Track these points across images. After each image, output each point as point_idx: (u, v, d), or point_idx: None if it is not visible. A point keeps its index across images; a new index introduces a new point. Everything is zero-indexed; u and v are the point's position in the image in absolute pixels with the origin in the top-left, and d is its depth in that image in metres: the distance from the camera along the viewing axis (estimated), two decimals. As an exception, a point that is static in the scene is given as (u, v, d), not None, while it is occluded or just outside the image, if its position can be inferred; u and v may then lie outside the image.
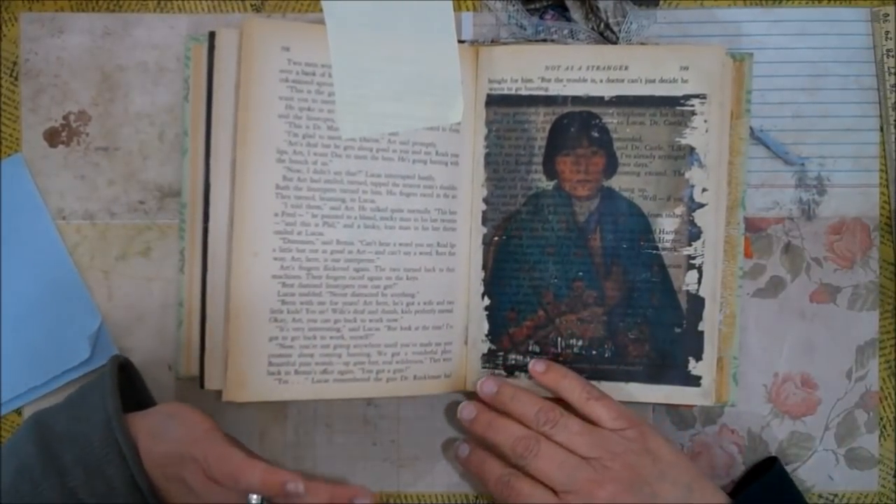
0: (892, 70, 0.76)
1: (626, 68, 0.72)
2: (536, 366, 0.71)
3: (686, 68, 0.71)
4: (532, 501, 0.67)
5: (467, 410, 0.71)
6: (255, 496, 0.60)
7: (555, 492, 0.66)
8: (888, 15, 0.76)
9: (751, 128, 0.74)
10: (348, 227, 0.70)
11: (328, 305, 0.70)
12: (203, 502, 0.62)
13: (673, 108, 0.71)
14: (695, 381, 0.71)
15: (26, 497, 0.61)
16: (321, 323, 0.70)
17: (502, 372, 0.73)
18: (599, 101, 0.72)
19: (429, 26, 0.72)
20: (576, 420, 0.68)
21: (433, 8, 0.73)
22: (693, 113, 0.71)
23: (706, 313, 0.71)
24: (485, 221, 0.74)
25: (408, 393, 0.72)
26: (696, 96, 0.71)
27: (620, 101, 0.72)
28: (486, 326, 0.73)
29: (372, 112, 0.71)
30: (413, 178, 0.72)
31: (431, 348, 0.72)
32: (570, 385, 0.70)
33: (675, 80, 0.71)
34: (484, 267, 0.74)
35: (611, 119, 0.72)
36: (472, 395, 0.76)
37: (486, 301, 0.73)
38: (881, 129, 0.77)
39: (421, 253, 0.72)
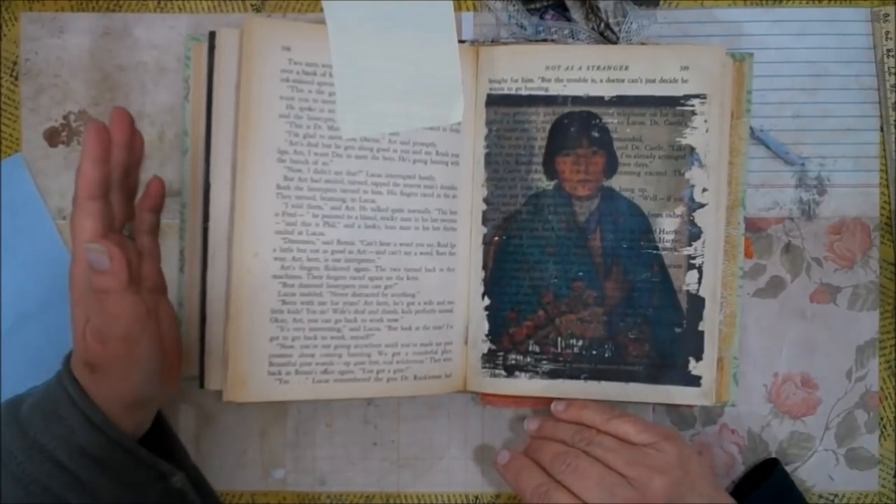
0: (892, 70, 0.76)
1: (627, 68, 0.72)
2: (557, 406, 0.71)
3: (686, 68, 0.71)
4: None
5: (508, 456, 0.70)
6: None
7: None
8: (888, 15, 0.76)
9: (751, 128, 0.74)
10: (349, 226, 0.70)
11: (329, 305, 0.70)
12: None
13: (673, 108, 0.71)
14: (695, 381, 0.71)
15: None
16: (322, 323, 0.70)
17: (502, 372, 0.73)
18: (599, 101, 0.72)
19: (429, 26, 0.72)
20: (610, 437, 0.66)
21: (433, 8, 0.73)
22: (693, 113, 0.71)
23: (706, 313, 0.71)
24: (485, 221, 0.73)
25: (408, 393, 0.72)
26: (697, 96, 0.71)
27: (620, 101, 0.72)
28: (486, 326, 0.73)
29: (372, 112, 0.71)
30: (414, 177, 0.72)
31: (432, 348, 0.72)
32: (590, 413, 0.69)
33: (675, 80, 0.71)
34: (484, 267, 0.74)
35: (611, 119, 0.72)
36: (471, 396, 0.76)
37: (487, 301, 0.73)
38: (881, 129, 0.77)
39: (421, 253, 0.72)
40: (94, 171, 0.61)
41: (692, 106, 0.71)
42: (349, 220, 0.70)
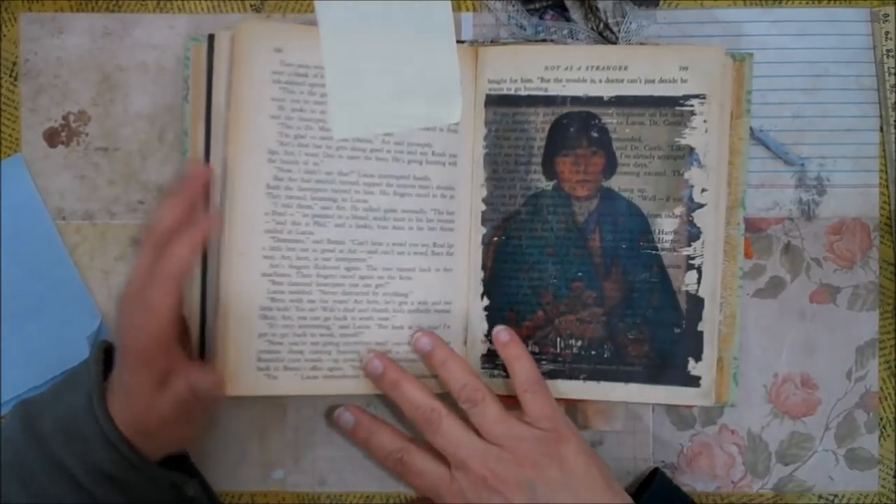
0: (892, 70, 0.76)
1: (626, 68, 0.71)
2: (500, 335, 0.71)
3: (685, 68, 0.71)
4: (425, 478, 0.68)
5: (372, 365, 0.70)
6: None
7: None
8: (888, 15, 0.76)
9: (751, 128, 0.74)
10: (339, 226, 0.70)
11: (318, 303, 0.70)
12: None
13: (672, 108, 0.71)
14: (694, 381, 0.71)
15: (12, 467, 0.62)
16: (311, 320, 0.70)
17: (501, 372, 0.73)
18: (599, 101, 0.72)
19: (427, 26, 0.72)
20: (496, 406, 0.67)
21: (431, 8, 0.73)
22: (692, 113, 0.71)
23: (706, 314, 0.71)
24: (484, 221, 0.73)
25: None
26: (696, 96, 0.71)
27: (620, 102, 0.72)
28: (485, 327, 0.73)
29: (365, 112, 0.71)
30: (408, 178, 0.72)
31: None
32: (520, 367, 0.69)
33: (674, 81, 0.71)
34: (483, 267, 0.74)
35: (610, 119, 0.72)
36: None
37: (486, 301, 0.73)
38: (881, 129, 0.77)
39: (416, 253, 0.72)
40: (191, 256, 0.64)
41: (691, 106, 0.71)
42: (340, 219, 0.70)
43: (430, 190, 0.72)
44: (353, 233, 0.71)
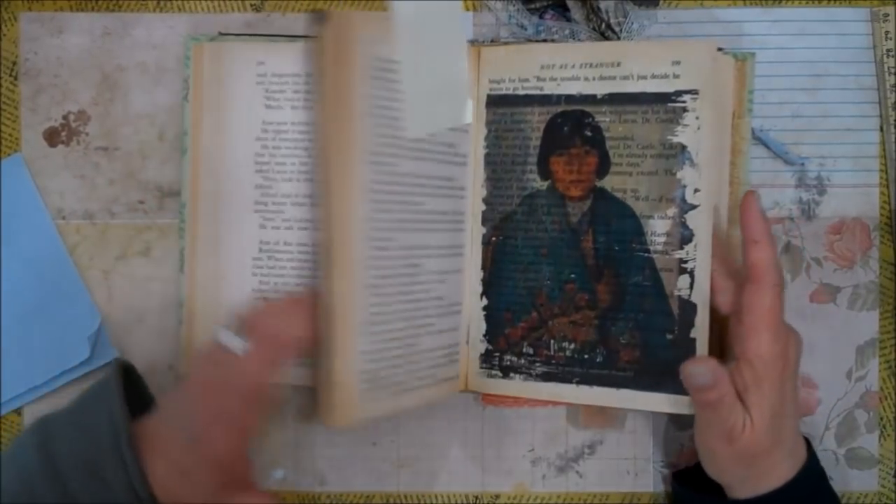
0: (892, 70, 0.76)
1: (619, 65, 0.70)
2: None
3: (678, 63, 0.69)
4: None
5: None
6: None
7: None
8: (888, 15, 0.76)
9: (751, 128, 0.74)
10: (409, 231, 0.68)
11: (399, 314, 0.68)
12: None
13: (664, 104, 0.70)
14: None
15: (21, 495, 0.60)
16: (396, 332, 0.68)
17: (498, 372, 0.73)
18: (592, 99, 0.71)
19: (438, 25, 0.71)
20: None
21: (443, 8, 0.72)
22: (685, 109, 0.69)
23: (698, 320, 0.68)
24: (484, 221, 0.73)
25: (440, 396, 0.72)
26: (688, 92, 0.69)
27: (613, 99, 0.71)
28: (483, 326, 0.73)
29: (428, 111, 0.67)
30: (444, 179, 0.71)
31: (449, 350, 0.72)
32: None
33: (666, 76, 0.69)
34: (483, 267, 0.73)
35: (603, 117, 0.71)
36: (472, 396, 0.76)
37: (484, 301, 0.73)
38: (881, 129, 0.76)
39: (453, 255, 0.72)
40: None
41: (683, 102, 0.69)
42: (410, 224, 0.68)
43: (455, 191, 0.72)
44: (414, 237, 0.69)
